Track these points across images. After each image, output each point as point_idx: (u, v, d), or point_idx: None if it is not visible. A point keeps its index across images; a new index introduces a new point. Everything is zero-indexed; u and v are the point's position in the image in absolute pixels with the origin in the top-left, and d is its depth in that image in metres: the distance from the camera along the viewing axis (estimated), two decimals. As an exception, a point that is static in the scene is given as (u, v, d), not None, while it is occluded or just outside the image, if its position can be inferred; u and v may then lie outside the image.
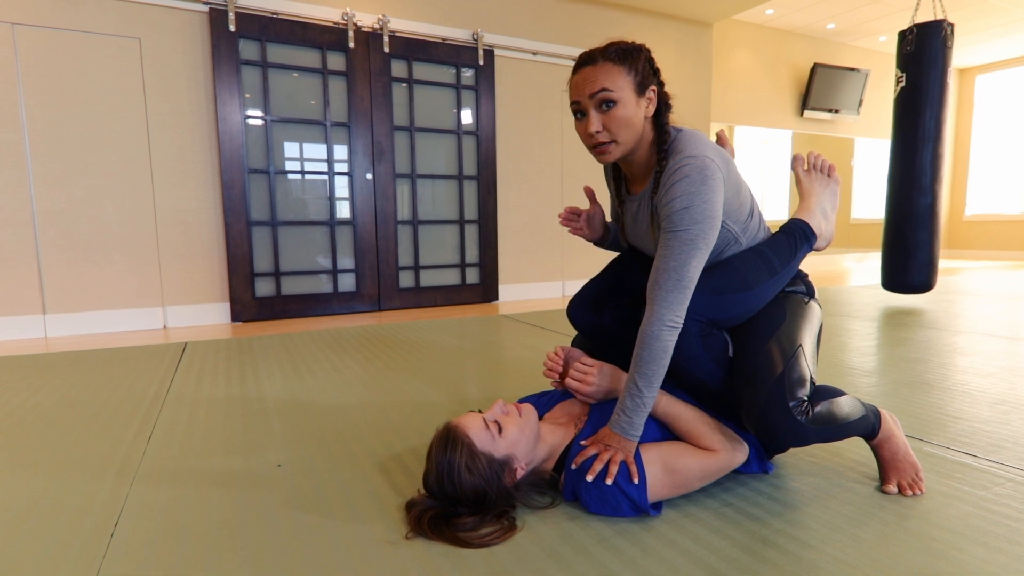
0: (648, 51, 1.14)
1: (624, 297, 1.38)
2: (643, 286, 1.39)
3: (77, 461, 1.37)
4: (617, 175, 1.32)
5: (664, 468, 1.07)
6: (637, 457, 1.06)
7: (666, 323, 1.07)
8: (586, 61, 1.11)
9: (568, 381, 1.22)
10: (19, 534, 1.04)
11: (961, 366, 2.13)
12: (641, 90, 1.11)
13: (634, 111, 1.10)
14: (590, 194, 1.44)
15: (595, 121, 1.10)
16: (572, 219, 1.43)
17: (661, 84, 1.15)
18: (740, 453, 1.14)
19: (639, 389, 1.07)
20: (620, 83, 1.08)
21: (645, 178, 1.22)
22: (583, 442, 1.12)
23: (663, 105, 1.15)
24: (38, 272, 3.10)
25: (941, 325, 2.98)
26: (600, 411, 1.18)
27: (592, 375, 1.18)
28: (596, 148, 1.13)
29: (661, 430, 1.16)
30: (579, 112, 1.13)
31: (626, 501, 1.04)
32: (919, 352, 2.37)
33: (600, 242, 1.48)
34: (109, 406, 1.81)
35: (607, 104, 1.09)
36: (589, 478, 1.04)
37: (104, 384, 2.07)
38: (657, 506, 1.08)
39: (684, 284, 1.07)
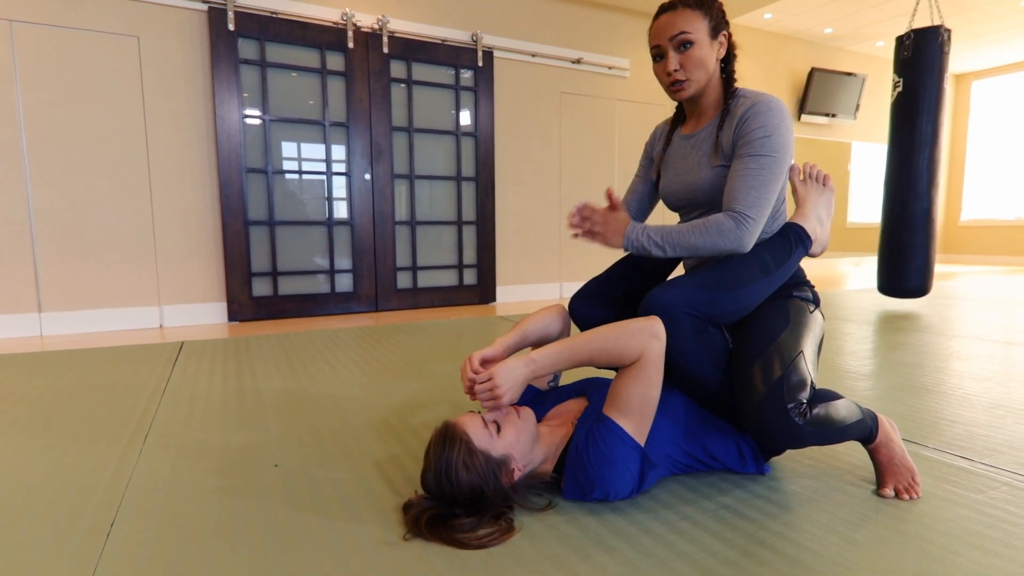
0: (721, 0, 1.25)
1: (626, 295, 1.40)
2: (646, 287, 1.41)
3: (72, 460, 1.36)
4: (675, 118, 1.40)
5: (621, 410, 1.07)
6: (611, 423, 1.07)
7: (734, 217, 1.14)
8: (666, 8, 1.23)
9: (481, 402, 1.10)
10: (14, 534, 1.03)
11: (957, 370, 2.14)
12: (715, 34, 1.23)
13: (708, 52, 1.22)
14: (611, 196, 1.24)
15: (673, 61, 1.22)
16: (586, 218, 1.24)
17: (730, 34, 1.26)
18: (658, 334, 1.06)
19: (662, 240, 1.18)
20: (697, 26, 1.20)
21: (707, 116, 1.32)
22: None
23: (730, 53, 1.28)
24: (34, 270, 3.09)
25: (937, 329, 2.99)
26: (598, 392, 1.19)
27: (496, 381, 1.05)
28: (673, 86, 1.25)
29: (601, 398, 1.18)
30: (659, 55, 1.25)
31: (621, 447, 1.05)
32: (915, 356, 2.38)
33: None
34: (105, 405, 1.80)
35: (685, 45, 1.21)
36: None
37: (100, 383, 2.06)
38: (654, 475, 1.11)
39: (762, 204, 1.16)
